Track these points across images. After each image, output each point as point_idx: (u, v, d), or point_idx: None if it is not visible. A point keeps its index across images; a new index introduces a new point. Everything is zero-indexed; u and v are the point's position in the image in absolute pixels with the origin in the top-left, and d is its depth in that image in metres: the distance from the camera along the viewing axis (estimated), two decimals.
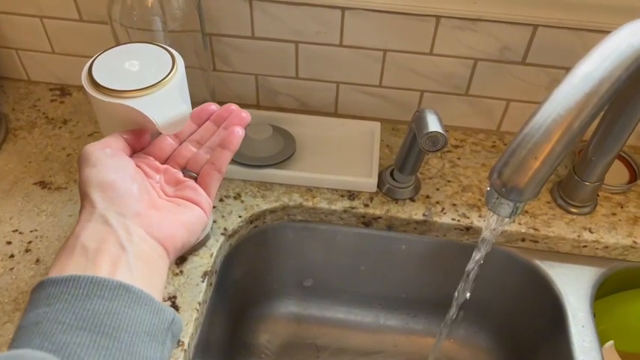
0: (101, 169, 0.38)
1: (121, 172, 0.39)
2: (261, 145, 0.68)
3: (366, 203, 0.67)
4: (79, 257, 0.34)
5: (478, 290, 0.73)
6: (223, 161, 0.45)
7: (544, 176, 0.36)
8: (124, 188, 0.38)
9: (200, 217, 0.41)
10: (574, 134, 0.36)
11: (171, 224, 0.39)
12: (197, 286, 0.58)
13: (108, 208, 0.37)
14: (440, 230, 0.67)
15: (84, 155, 0.39)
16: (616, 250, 0.65)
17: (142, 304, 0.33)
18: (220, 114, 0.47)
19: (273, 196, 0.67)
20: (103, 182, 0.37)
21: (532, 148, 0.36)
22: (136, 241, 0.36)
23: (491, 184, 0.37)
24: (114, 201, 0.37)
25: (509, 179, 0.36)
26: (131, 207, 0.37)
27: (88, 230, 0.36)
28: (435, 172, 0.71)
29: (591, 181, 0.64)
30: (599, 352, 0.59)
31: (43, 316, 0.31)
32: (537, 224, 0.65)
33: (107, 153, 0.39)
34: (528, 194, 0.36)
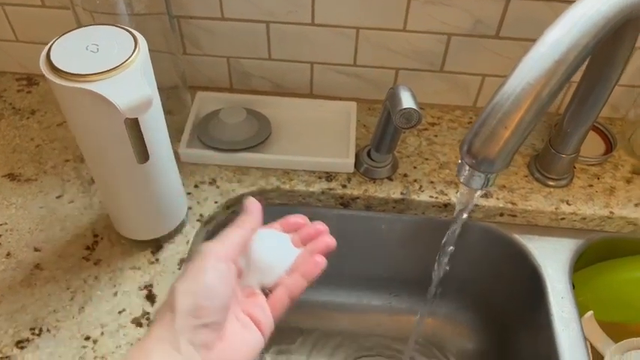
0: (202, 293, 0.37)
1: (216, 299, 0.38)
2: (236, 129, 0.67)
3: (343, 184, 0.67)
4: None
5: (458, 267, 0.73)
6: (298, 290, 0.43)
7: (514, 146, 0.36)
8: (210, 319, 0.37)
9: (258, 346, 0.41)
10: (543, 102, 0.35)
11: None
12: (174, 273, 0.58)
13: (185, 332, 0.36)
14: (418, 208, 0.67)
15: (199, 260, 0.38)
16: (593, 221, 0.65)
17: None
18: (308, 232, 0.46)
19: (249, 181, 0.66)
20: (196, 307, 0.37)
21: (502, 118, 0.35)
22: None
23: (461, 157, 0.37)
24: (193, 328, 0.37)
25: (480, 150, 0.36)
26: (204, 338, 0.37)
27: (160, 351, 0.36)
28: (412, 151, 0.71)
29: (567, 153, 0.64)
30: (578, 323, 0.59)
31: None
32: (515, 198, 0.65)
33: (219, 270, 0.38)
34: (499, 165, 0.36)
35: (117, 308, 0.55)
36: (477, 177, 0.38)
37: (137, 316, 0.54)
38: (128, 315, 0.54)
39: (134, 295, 0.56)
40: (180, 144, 0.67)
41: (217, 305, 0.38)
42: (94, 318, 0.54)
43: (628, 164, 0.70)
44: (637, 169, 0.68)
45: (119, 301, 0.55)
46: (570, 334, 0.58)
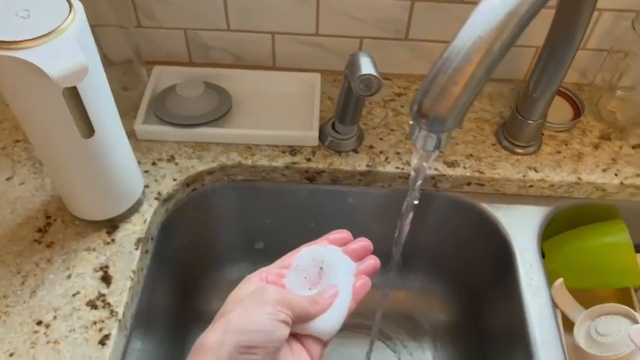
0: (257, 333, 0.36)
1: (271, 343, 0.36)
2: (194, 103, 0.65)
3: (308, 158, 0.65)
4: None
5: (427, 239, 0.72)
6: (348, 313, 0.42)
7: (466, 103, 0.34)
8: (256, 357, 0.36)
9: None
10: (495, 56, 0.33)
11: None
12: (130, 254, 0.55)
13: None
14: (385, 180, 0.65)
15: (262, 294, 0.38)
16: (561, 188, 0.64)
17: None
18: (353, 248, 0.45)
19: (209, 157, 0.64)
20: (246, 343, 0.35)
21: (452, 74, 0.33)
22: None
23: (412, 117, 0.35)
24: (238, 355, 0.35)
25: (431, 109, 0.34)
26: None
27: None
28: (379, 122, 0.69)
29: (534, 119, 0.62)
30: (547, 291, 0.59)
31: None
32: (482, 167, 0.64)
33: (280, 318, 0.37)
34: (451, 123, 0.34)
35: (71, 291, 0.53)
36: (428, 138, 0.36)
37: (92, 299, 0.52)
38: (82, 298, 0.52)
39: (89, 277, 0.54)
40: (136, 120, 0.64)
41: (270, 349, 0.36)
42: (46, 302, 0.52)
43: (596, 129, 0.69)
44: (605, 134, 0.68)
45: (73, 284, 0.53)
46: (539, 302, 0.58)
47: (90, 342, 0.49)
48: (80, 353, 0.49)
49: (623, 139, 0.68)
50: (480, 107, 0.71)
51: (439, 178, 0.64)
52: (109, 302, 0.52)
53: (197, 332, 0.76)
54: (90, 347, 0.49)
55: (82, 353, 0.49)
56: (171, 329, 0.70)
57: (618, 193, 0.64)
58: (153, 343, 0.64)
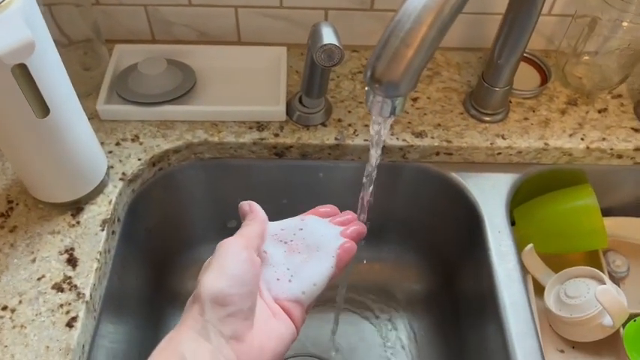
0: (224, 282, 0.37)
1: (241, 287, 0.37)
2: (156, 81, 0.63)
3: (276, 133, 0.64)
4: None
5: (399, 211, 0.72)
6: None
7: (419, 66, 0.34)
8: (235, 307, 0.37)
9: (290, 336, 0.40)
10: (446, 18, 0.33)
11: (260, 355, 0.38)
12: (96, 235, 0.55)
13: (214, 323, 0.36)
14: (354, 153, 0.65)
15: (222, 252, 0.39)
16: (529, 155, 0.65)
17: None
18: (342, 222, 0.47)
19: (174, 135, 0.63)
20: (220, 295, 0.36)
21: (404, 37, 0.33)
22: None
23: (366, 82, 0.35)
24: (221, 318, 0.37)
25: (384, 73, 0.33)
26: (233, 327, 0.37)
27: (189, 340, 0.36)
28: (347, 95, 0.68)
29: (500, 86, 0.62)
30: (515, 255, 0.59)
31: None
32: (450, 136, 0.64)
33: (242, 257, 0.38)
34: (405, 87, 0.34)
35: (35, 275, 0.52)
36: (384, 104, 0.35)
37: (58, 282, 0.51)
38: (48, 281, 0.51)
39: (54, 260, 0.53)
40: (98, 101, 0.63)
41: (243, 292, 0.37)
42: (10, 287, 0.51)
43: (563, 95, 0.69)
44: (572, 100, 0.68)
45: (38, 268, 0.52)
46: (508, 267, 0.58)
47: (57, 325, 0.49)
48: (47, 336, 0.48)
49: (589, 104, 0.68)
50: (448, 77, 0.71)
51: (407, 148, 0.64)
52: (76, 284, 0.51)
53: (172, 313, 0.77)
54: (57, 330, 0.48)
55: (50, 336, 0.48)
56: (146, 311, 0.70)
57: (585, 158, 0.65)
58: (127, 326, 0.64)
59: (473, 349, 0.65)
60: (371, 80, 0.34)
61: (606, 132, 0.65)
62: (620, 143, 0.64)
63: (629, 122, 0.66)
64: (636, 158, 0.65)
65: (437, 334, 0.73)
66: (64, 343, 0.48)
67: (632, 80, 0.71)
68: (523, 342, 0.53)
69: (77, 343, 0.48)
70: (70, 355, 0.47)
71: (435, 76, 0.71)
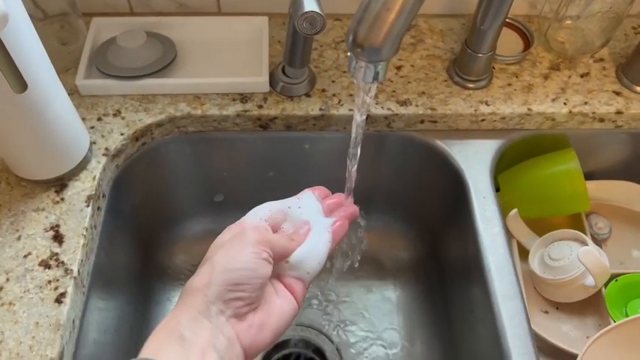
0: (245, 273, 0.37)
1: (255, 280, 0.38)
2: (136, 54, 0.62)
3: (259, 104, 0.64)
4: (176, 345, 0.35)
5: (385, 180, 0.73)
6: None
7: (400, 30, 0.33)
8: (244, 294, 0.38)
9: (291, 316, 0.41)
10: None
11: (259, 332, 0.39)
12: (81, 211, 0.54)
13: (216, 302, 0.37)
14: (339, 123, 0.65)
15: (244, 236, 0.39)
16: (512, 120, 0.65)
17: None
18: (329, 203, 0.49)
19: (157, 109, 0.62)
20: (234, 283, 0.37)
21: (385, 1, 0.32)
22: (223, 344, 0.36)
23: (348, 48, 0.34)
24: (226, 300, 0.37)
25: (366, 38, 0.33)
26: (235, 309, 0.38)
27: (189, 319, 0.36)
28: (330, 64, 0.68)
29: (483, 52, 0.62)
30: (500, 220, 0.60)
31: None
32: (435, 104, 0.64)
33: (262, 256, 0.39)
34: (387, 52, 0.34)
35: (22, 252, 0.51)
36: (366, 69, 0.35)
37: (45, 259, 0.51)
38: (35, 258, 0.51)
39: (39, 237, 0.52)
40: (77, 75, 0.62)
41: (255, 285, 0.38)
42: None
43: (545, 60, 0.69)
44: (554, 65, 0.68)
45: (24, 245, 0.52)
46: (492, 231, 0.59)
47: (46, 301, 0.49)
48: (37, 313, 0.48)
49: (571, 69, 0.68)
50: (432, 44, 0.70)
51: (392, 117, 0.64)
52: (63, 261, 0.51)
53: (161, 288, 0.77)
54: (46, 306, 0.48)
55: (39, 312, 0.48)
56: (135, 286, 0.70)
57: (567, 122, 0.66)
58: (117, 301, 0.64)
59: (460, 313, 0.67)
60: (353, 45, 0.34)
61: (588, 96, 0.66)
62: (602, 107, 0.65)
63: (610, 86, 0.67)
64: (618, 121, 0.66)
65: (424, 300, 0.75)
66: (54, 319, 0.48)
67: (614, 44, 0.71)
68: (508, 304, 0.54)
69: (67, 318, 0.48)
70: (61, 330, 0.47)
71: (419, 44, 0.70)
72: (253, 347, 0.39)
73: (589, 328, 0.64)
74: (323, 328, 0.74)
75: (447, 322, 0.70)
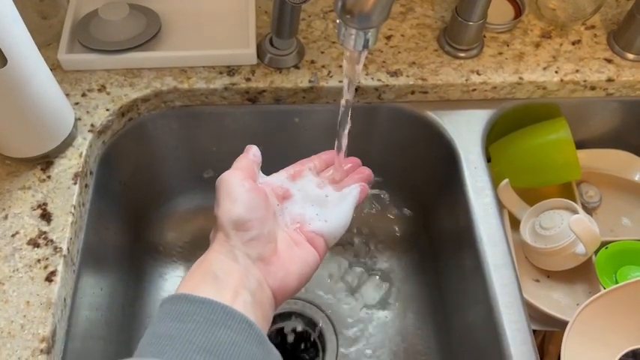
0: (239, 207, 0.40)
1: (255, 212, 0.40)
2: (120, 27, 0.61)
3: (247, 77, 0.63)
4: (210, 283, 0.37)
5: (376, 152, 0.72)
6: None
7: None
8: (255, 230, 0.40)
9: (314, 264, 0.43)
10: None
11: (286, 276, 0.41)
12: (69, 189, 0.53)
13: (239, 247, 0.39)
14: (329, 95, 0.64)
15: (224, 186, 0.42)
16: (504, 90, 0.64)
17: (258, 342, 0.35)
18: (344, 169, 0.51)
19: (142, 83, 0.61)
20: (239, 221, 0.39)
21: None
22: (254, 285, 0.38)
23: (337, 14, 0.33)
24: (245, 242, 0.39)
25: (355, 4, 0.32)
26: (258, 250, 0.40)
27: (220, 261, 0.39)
28: (319, 35, 0.67)
29: (474, 20, 0.61)
30: (491, 190, 0.60)
31: (177, 332, 0.33)
32: (425, 74, 0.63)
33: (245, 187, 0.41)
34: (377, 17, 0.33)
35: (9, 232, 0.51)
36: (355, 36, 0.34)
37: (33, 237, 0.50)
38: (23, 237, 0.50)
39: (27, 216, 0.52)
40: (59, 50, 0.60)
41: (259, 217, 0.40)
42: None
43: (537, 28, 0.68)
44: (546, 32, 0.67)
45: (11, 225, 0.51)
46: (484, 202, 0.59)
47: (36, 280, 0.48)
48: (27, 292, 0.48)
49: (563, 37, 0.68)
50: (422, 12, 0.69)
51: (383, 88, 0.63)
52: (52, 239, 0.50)
53: (152, 265, 0.77)
54: (36, 285, 0.48)
55: (29, 291, 0.48)
56: (126, 263, 0.69)
57: (559, 91, 0.65)
58: (108, 279, 0.64)
59: (451, 283, 0.67)
60: (342, 12, 0.33)
61: (580, 64, 0.65)
62: (593, 75, 0.64)
63: (602, 53, 0.66)
64: (609, 89, 0.65)
65: (415, 271, 0.75)
66: (45, 298, 0.47)
67: (605, 10, 0.70)
68: (500, 274, 0.54)
69: (58, 296, 0.48)
70: (52, 308, 0.47)
71: (409, 12, 0.69)
72: (281, 291, 0.40)
73: (579, 295, 0.65)
74: (314, 300, 0.74)
75: (438, 293, 0.70)
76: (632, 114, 0.69)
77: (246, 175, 0.43)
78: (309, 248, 0.43)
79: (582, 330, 0.54)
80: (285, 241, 0.43)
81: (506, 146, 0.69)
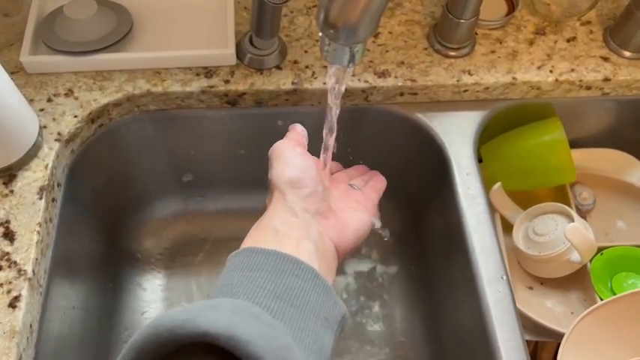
0: (293, 168, 0.42)
1: (307, 172, 0.43)
2: (87, 26, 0.56)
3: (226, 79, 0.59)
4: (271, 237, 0.39)
5: (364, 156, 0.69)
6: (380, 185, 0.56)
7: (379, 6, 0.29)
8: (310, 188, 0.42)
9: (368, 223, 0.47)
10: None
11: (344, 229, 0.44)
12: (33, 204, 0.50)
13: (296, 203, 0.41)
14: (313, 97, 0.61)
15: (277, 152, 0.44)
16: (496, 90, 0.61)
17: (325, 291, 0.37)
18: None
19: (113, 87, 0.57)
20: (294, 179, 0.42)
21: None
22: (316, 237, 0.40)
23: (320, 28, 0.30)
24: (302, 198, 0.41)
25: (339, 17, 0.29)
26: (315, 206, 0.42)
27: (279, 217, 0.40)
28: (302, 32, 0.63)
29: (466, 17, 0.58)
30: (484, 198, 0.57)
31: (248, 279, 0.35)
32: (415, 75, 0.60)
33: (297, 152, 0.44)
34: (364, 32, 0.29)
35: None
36: (340, 51, 0.31)
37: None
38: None
39: None
40: (22, 51, 0.56)
41: (311, 176, 0.42)
42: None
43: (530, 24, 0.65)
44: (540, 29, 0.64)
45: None
46: (476, 210, 0.56)
47: None
48: None
49: (557, 33, 0.65)
50: (410, 8, 0.65)
51: (370, 90, 0.60)
52: (15, 261, 0.47)
53: (131, 273, 0.74)
54: None
55: None
56: (102, 274, 0.66)
57: (553, 91, 0.62)
58: (82, 292, 0.61)
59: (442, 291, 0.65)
60: (325, 25, 0.29)
61: (575, 62, 0.62)
62: (589, 74, 0.61)
63: (598, 51, 0.63)
64: (605, 89, 0.63)
65: (405, 277, 0.72)
66: (8, 326, 0.44)
67: (601, 5, 0.67)
68: (493, 287, 0.52)
69: (23, 324, 0.45)
70: (16, 337, 0.44)
71: (397, 8, 0.65)
72: (341, 245, 0.43)
73: (574, 303, 0.63)
74: None
75: (429, 303, 0.68)
76: (628, 113, 0.67)
77: (297, 143, 0.45)
78: (361, 208, 0.48)
79: (579, 342, 0.52)
80: (338, 202, 0.46)
81: (499, 147, 0.66)
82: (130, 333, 0.67)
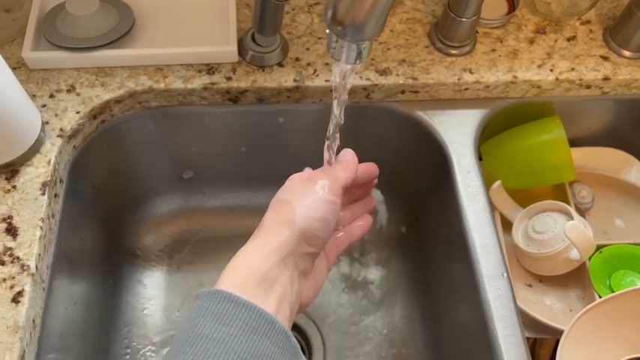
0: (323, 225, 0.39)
1: (327, 234, 0.40)
2: (90, 22, 0.56)
3: (228, 76, 0.59)
4: (257, 286, 0.35)
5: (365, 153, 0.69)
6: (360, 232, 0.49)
7: (387, 4, 0.29)
8: (316, 250, 0.40)
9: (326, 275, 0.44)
10: None
11: (315, 289, 0.42)
12: (36, 200, 0.50)
13: (295, 254, 0.38)
14: (315, 95, 0.61)
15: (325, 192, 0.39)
16: (497, 89, 0.62)
17: (292, 355, 0.35)
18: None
19: (115, 83, 0.57)
20: (314, 236, 0.39)
21: None
22: (294, 298, 0.38)
23: (327, 25, 0.30)
24: (302, 255, 0.39)
25: (347, 14, 0.29)
26: (306, 265, 0.40)
27: (271, 263, 0.37)
28: (304, 30, 0.63)
29: (468, 16, 0.58)
30: (484, 196, 0.58)
31: (219, 335, 0.32)
32: (416, 73, 0.60)
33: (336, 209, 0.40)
34: (371, 30, 0.30)
35: None
36: (348, 48, 0.31)
37: None
38: None
39: None
40: (24, 47, 0.56)
41: (326, 238, 0.40)
42: None
43: (531, 23, 0.65)
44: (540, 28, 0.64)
45: None
46: (477, 208, 0.57)
47: (1, 301, 0.45)
48: None
49: (558, 32, 0.65)
50: (412, 6, 0.66)
51: (371, 88, 0.60)
52: (18, 256, 0.47)
53: (132, 270, 0.74)
54: (2, 307, 0.45)
55: None
56: (102, 271, 0.66)
57: (554, 90, 0.63)
58: (83, 289, 0.61)
59: (443, 291, 0.65)
60: (332, 22, 0.29)
61: (575, 61, 0.63)
62: (589, 73, 0.62)
63: (598, 50, 0.64)
64: (604, 88, 0.63)
65: (406, 277, 0.73)
66: (12, 320, 0.44)
67: (601, 4, 0.68)
68: (494, 284, 0.52)
69: (26, 319, 0.45)
70: (20, 332, 0.44)
71: (398, 6, 0.65)
72: (303, 306, 0.41)
73: (572, 300, 0.63)
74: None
75: (428, 300, 0.68)
76: (627, 112, 0.67)
77: (339, 194, 0.40)
78: (332, 262, 0.45)
79: (577, 339, 0.52)
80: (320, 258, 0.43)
81: (498, 146, 0.66)
82: (130, 329, 0.67)
